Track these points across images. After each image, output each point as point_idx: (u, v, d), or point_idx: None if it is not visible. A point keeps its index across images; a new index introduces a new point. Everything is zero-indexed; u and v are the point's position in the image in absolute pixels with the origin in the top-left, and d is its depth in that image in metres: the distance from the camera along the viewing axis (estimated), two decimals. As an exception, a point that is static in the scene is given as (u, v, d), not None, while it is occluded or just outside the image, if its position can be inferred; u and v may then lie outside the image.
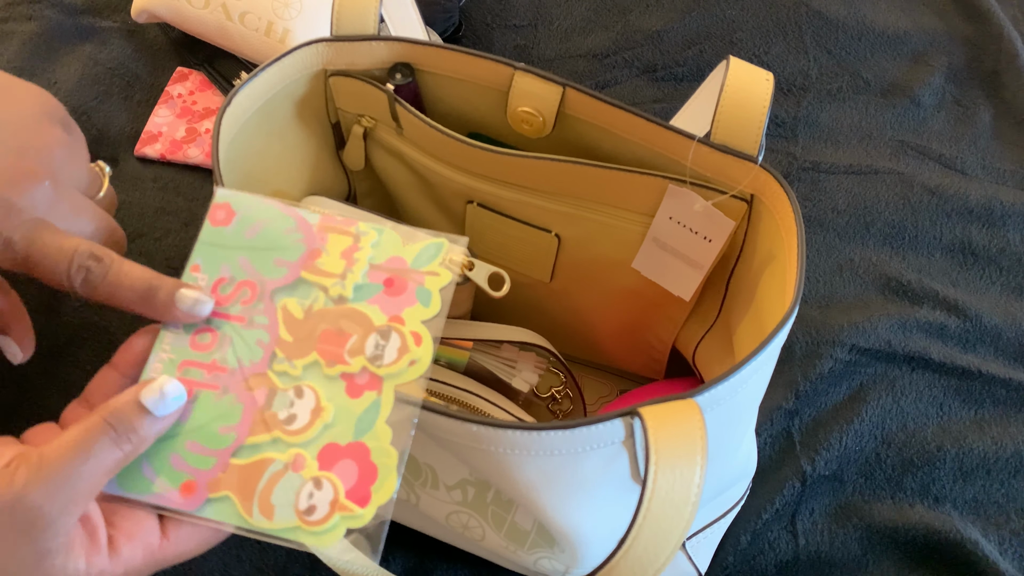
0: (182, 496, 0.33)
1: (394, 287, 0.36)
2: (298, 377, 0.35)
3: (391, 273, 0.36)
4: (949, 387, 0.62)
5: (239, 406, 0.34)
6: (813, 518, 0.57)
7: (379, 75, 0.49)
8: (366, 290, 0.36)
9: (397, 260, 0.37)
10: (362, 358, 0.35)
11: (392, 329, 0.35)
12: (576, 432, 0.34)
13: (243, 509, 0.33)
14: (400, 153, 0.52)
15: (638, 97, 0.79)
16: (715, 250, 0.48)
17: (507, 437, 0.34)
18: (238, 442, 0.34)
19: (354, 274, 0.36)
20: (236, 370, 0.35)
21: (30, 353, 0.44)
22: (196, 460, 0.34)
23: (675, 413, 0.33)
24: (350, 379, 0.34)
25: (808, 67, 0.81)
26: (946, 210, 0.72)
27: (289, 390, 0.34)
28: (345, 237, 0.37)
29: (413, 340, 0.35)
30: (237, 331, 0.36)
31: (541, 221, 0.51)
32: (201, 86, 0.75)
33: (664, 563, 0.31)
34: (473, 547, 0.47)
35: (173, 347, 0.35)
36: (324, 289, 0.36)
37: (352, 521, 0.32)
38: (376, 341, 0.35)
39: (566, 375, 0.55)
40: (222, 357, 0.35)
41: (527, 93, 0.47)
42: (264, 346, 0.35)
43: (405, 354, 0.35)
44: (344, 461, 0.33)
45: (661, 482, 0.31)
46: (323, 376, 0.34)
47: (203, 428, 0.34)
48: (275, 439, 0.34)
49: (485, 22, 0.83)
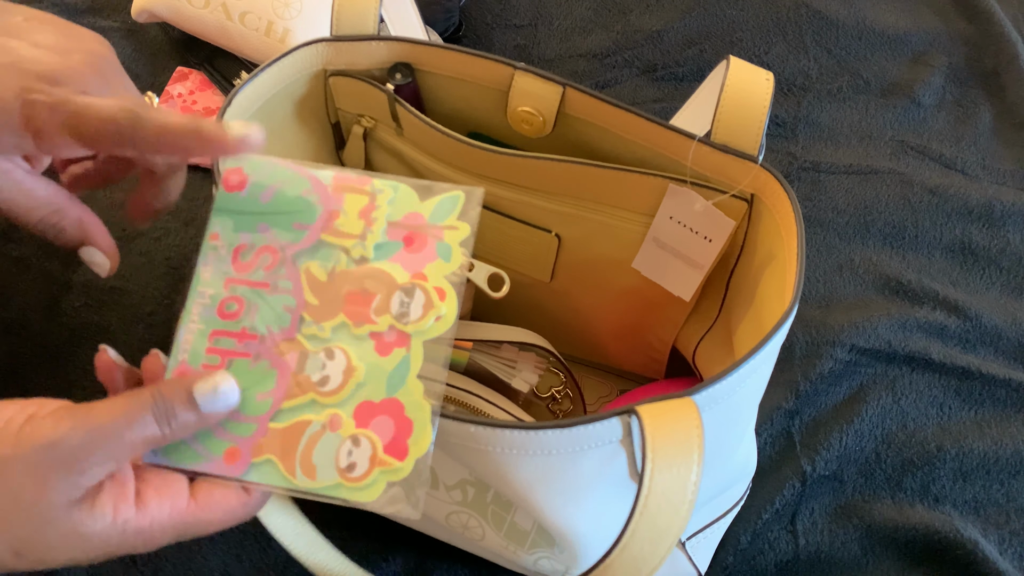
0: (227, 463, 0.34)
1: (414, 244, 0.36)
2: (327, 339, 0.35)
3: (410, 230, 0.36)
4: (949, 387, 0.62)
5: (273, 372, 0.35)
6: (813, 518, 0.57)
7: (379, 75, 0.49)
8: (387, 248, 0.36)
9: (415, 216, 0.37)
10: (388, 316, 0.35)
11: (416, 286, 0.35)
12: (573, 431, 0.34)
13: (286, 471, 0.34)
14: (400, 153, 0.52)
15: (638, 97, 0.79)
16: (715, 250, 0.48)
17: (504, 437, 0.34)
18: (275, 407, 0.34)
19: (374, 234, 0.36)
20: (266, 336, 0.35)
21: (116, 264, 0.44)
22: (237, 428, 0.34)
23: (672, 411, 0.33)
24: (379, 338, 0.35)
25: (808, 67, 0.81)
26: (946, 210, 0.72)
27: (320, 352, 0.35)
28: (361, 196, 0.37)
29: (437, 295, 0.35)
30: (263, 297, 0.36)
31: (541, 221, 0.51)
32: (201, 86, 0.75)
33: (660, 561, 0.31)
34: (473, 547, 0.47)
35: (202, 317, 0.36)
36: (345, 250, 0.36)
37: (392, 475, 0.33)
38: (401, 299, 0.35)
39: (566, 375, 0.56)
40: (251, 325, 0.35)
41: (527, 93, 0.47)
42: (291, 311, 0.36)
43: (430, 310, 0.35)
44: (380, 417, 0.34)
45: (658, 480, 0.31)
46: (352, 336, 0.35)
47: (241, 396, 0.34)
48: (311, 401, 0.34)
49: (485, 22, 0.83)
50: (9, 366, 0.60)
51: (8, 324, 0.61)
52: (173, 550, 0.52)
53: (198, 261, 0.37)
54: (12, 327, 0.61)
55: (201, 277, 0.37)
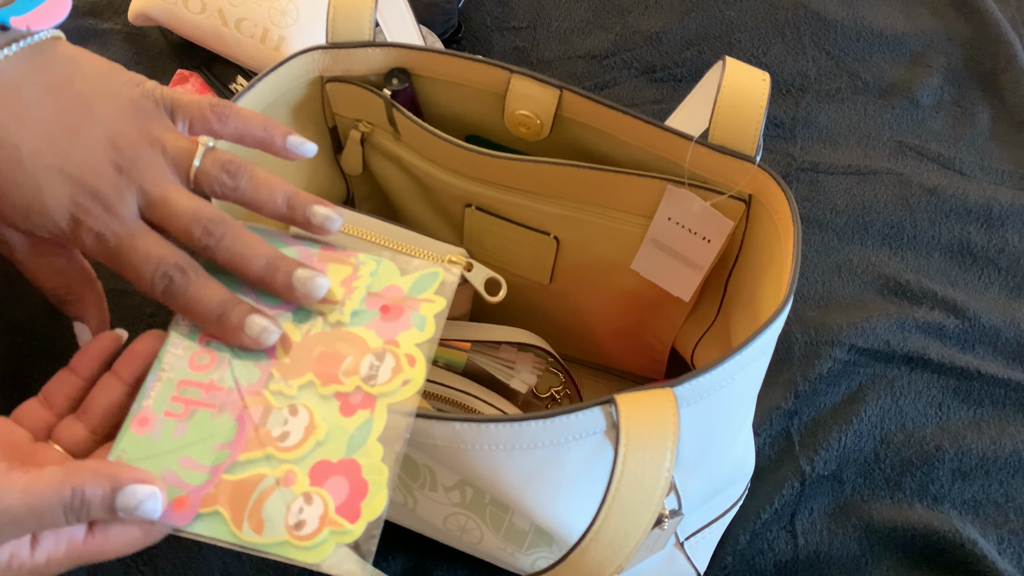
0: (174, 510, 0.33)
1: (390, 313, 0.37)
2: (293, 396, 0.35)
3: (388, 300, 0.37)
4: (948, 387, 0.62)
5: (234, 424, 0.35)
6: (812, 518, 0.57)
7: (376, 80, 0.50)
8: (363, 316, 0.37)
9: (394, 288, 0.38)
10: (356, 378, 0.35)
11: (387, 351, 0.36)
12: (556, 421, 0.34)
13: (233, 524, 0.33)
14: (398, 158, 0.52)
15: (637, 98, 0.79)
16: (714, 251, 0.48)
17: (488, 432, 0.34)
18: (232, 459, 0.34)
19: (352, 301, 0.37)
20: (233, 390, 0.35)
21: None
22: (189, 476, 0.34)
23: (649, 400, 0.33)
24: (344, 398, 0.35)
25: (807, 68, 0.81)
26: (945, 210, 0.72)
27: (284, 408, 0.35)
28: (344, 267, 0.38)
29: (407, 361, 0.36)
30: (236, 353, 0.36)
31: (540, 224, 0.51)
32: (201, 89, 0.75)
33: (636, 544, 0.32)
34: (471, 549, 0.47)
35: (172, 367, 0.36)
36: (322, 315, 0.37)
37: (342, 536, 0.33)
38: (371, 362, 0.36)
39: (565, 376, 0.56)
40: (220, 377, 0.36)
41: (524, 96, 0.47)
42: (261, 367, 0.36)
43: (399, 374, 0.35)
44: (335, 477, 0.33)
45: (631, 464, 0.32)
46: (318, 395, 0.35)
47: (197, 445, 0.34)
48: (268, 455, 0.34)
49: (484, 24, 0.83)
50: (13, 367, 0.60)
51: (12, 325, 0.61)
52: (173, 550, 0.53)
53: (177, 315, 0.37)
54: (16, 328, 0.61)
55: (178, 330, 0.37)
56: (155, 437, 0.34)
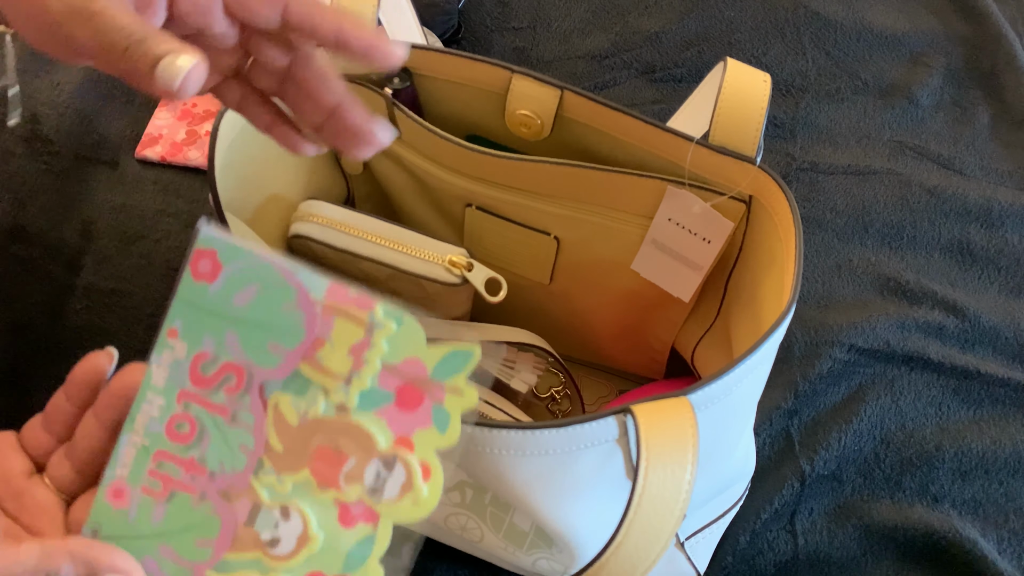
0: None
1: (407, 399, 0.30)
2: (286, 495, 0.31)
3: (406, 380, 0.30)
4: (948, 387, 0.62)
5: (216, 520, 0.31)
6: (812, 518, 0.57)
7: (377, 79, 0.50)
8: (373, 398, 0.30)
9: (415, 364, 0.30)
10: (359, 487, 0.30)
11: (398, 457, 0.30)
12: (570, 430, 0.34)
13: None
14: (399, 157, 0.52)
15: (637, 98, 0.79)
16: (714, 251, 0.48)
17: (501, 437, 0.34)
18: (215, 558, 0.31)
19: (361, 379, 0.30)
20: (216, 474, 0.31)
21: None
22: (170, 568, 0.31)
23: (667, 410, 0.33)
24: (344, 507, 0.31)
25: (806, 68, 0.81)
26: (944, 210, 0.72)
27: (275, 509, 0.31)
28: (356, 328, 0.30)
29: (420, 473, 0.30)
30: (219, 427, 0.31)
31: (540, 224, 0.51)
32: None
33: (655, 559, 0.31)
34: (472, 548, 0.47)
35: (147, 431, 0.32)
36: (325, 391, 0.31)
37: None
38: (378, 470, 0.30)
39: (565, 375, 0.56)
40: (201, 456, 0.31)
41: (525, 96, 0.47)
42: (248, 452, 0.31)
43: (408, 492, 0.30)
44: None
45: (652, 479, 0.31)
46: (314, 499, 0.31)
47: (178, 535, 0.31)
48: (256, 560, 0.31)
49: (484, 24, 0.83)
50: (12, 366, 0.60)
51: (12, 324, 0.62)
52: None
53: (151, 357, 0.32)
54: (16, 327, 0.62)
55: (152, 380, 0.32)
56: (132, 516, 0.32)
